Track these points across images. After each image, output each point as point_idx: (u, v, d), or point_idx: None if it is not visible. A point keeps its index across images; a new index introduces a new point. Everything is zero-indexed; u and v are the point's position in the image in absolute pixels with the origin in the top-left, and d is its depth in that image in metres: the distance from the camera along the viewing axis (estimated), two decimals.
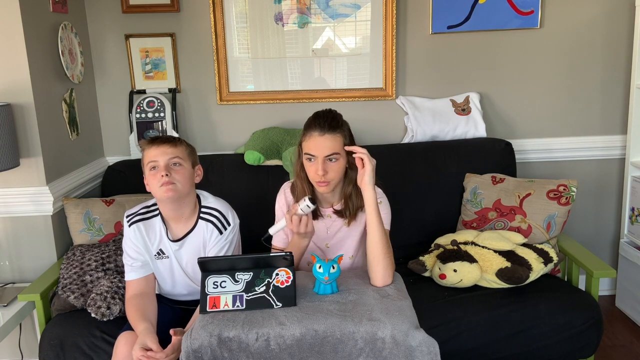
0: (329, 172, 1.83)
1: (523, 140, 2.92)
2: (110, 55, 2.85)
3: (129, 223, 1.95)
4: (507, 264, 2.19)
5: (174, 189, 1.84)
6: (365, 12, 2.81)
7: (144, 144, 1.90)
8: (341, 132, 1.85)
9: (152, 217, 1.97)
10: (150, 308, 1.89)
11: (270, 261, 1.66)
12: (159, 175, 1.84)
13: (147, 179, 1.90)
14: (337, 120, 1.87)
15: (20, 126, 2.29)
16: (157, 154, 1.86)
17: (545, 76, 2.89)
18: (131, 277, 1.95)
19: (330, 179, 1.84)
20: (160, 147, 1.86)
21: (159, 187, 1.85)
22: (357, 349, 1.51)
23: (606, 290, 3.04)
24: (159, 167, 1.85)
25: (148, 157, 1.87)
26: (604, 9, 2.81)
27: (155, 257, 1.97)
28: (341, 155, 1.84)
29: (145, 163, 1.89)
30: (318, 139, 1.82)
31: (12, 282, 2.40)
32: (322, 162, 1.82)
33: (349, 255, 2.02)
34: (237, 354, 1.51)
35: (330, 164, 1.83)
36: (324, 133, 1.82)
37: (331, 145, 1.82)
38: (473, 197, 2.56)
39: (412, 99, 2.89)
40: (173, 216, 1.95)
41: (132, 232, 1.94)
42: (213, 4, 2.76)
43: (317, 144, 1.82)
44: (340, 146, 1.84)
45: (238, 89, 2.90)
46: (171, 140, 1.89)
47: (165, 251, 1.97)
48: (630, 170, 2.81)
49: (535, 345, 2.08)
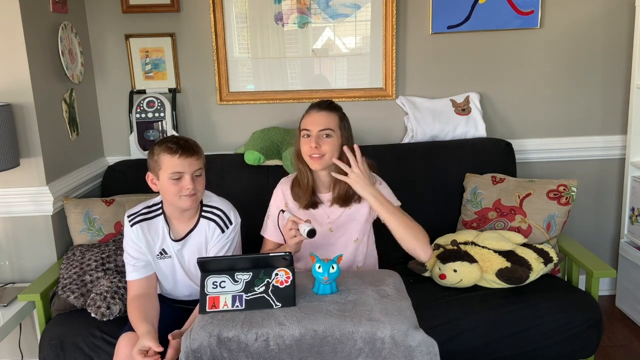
0: (322, 146, 1.94)
1: (523, 140, 2.92)
2: (110, 55, 2.85)
3: (132, 223, 1.94)
4: (507, 264, 2.19)
5: (195, 200, 1.89)
6: (365, 12, 2.81)
7: (166, 150, 1.84)
8: (337, 113, 2.00)
9: (154, 217, 1.97)
10: (151, 309, 1.89)
11: (270, 261, 1.66)
12: (184, 187, 1.83)
13: (163, 184, 1.86)
14: (335, 104, 2.04)
15: (20, 126, 2.29)
16: (184, 165, 1.83)
17: (545, 76, 2.88)
18: (133, 277, 1.94)
19: (322, 153, 1.94)
20: (187, 159, 1.84)
21: (180, 196, 1.85)
22: (357, 349, 1.51)
23: (606, 290, 3.03)
24: (183, 179, 1.84)
25: (172, 167, 1.83)
26: (604, 9, 2.81)
27: (158, 257, 1.97)
28: (335, 133, 1.96)
29: (164, 169, 1.84)
30: (314, 115, 1.98)
31: (12, 282, 2.40)
32: (315, 136, 1.95)
33: (353, 238, 2.05)
34: (236, 354, 1.51)
35: (324, 139, 1.95)
36: (320, 110, 1.99)
37: (326, 120, 1.96)
38: (473, 197, 2.56)
39: (412, 99, 2.89)
40: (177, 215, 1.96)
41: (135, 232, 1.93)
42: (213, 4, 2.76)
43: (313, 119, 1.97)
44: (335, 124, 1.97)
45: (238, 89, 2.90)
46: (195, 152, 1.87)
47: (168, 251, 1.97)
48: (630, 170, 2.81)
49: (535, 345, 2.07)
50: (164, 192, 1.89)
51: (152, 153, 1.89)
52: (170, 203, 1.91)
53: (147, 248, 1.95)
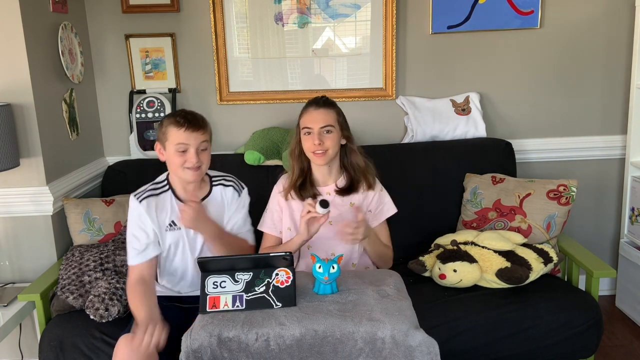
0: (324, 142, 2.04)
1: (523, 140, 2.92)
2: (110, 55, 2.85)
3: (140, 199, 1.97)
4: (507, 264, 2.19)
5: (200, 173, 1.95)
6: (365, 12, 2.81)
7: (173, 123, 1.91)
8: (335, 109, 2.10)
9: (161, 193, 2.02)
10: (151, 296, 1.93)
11: (270, 261, 1.66)
12: (189, 160, 1.90)
13: (169, 155, 1.94)
14: (330, 100, 2.13)
15: (20, 126, 2.29)
16: (189, 138, 1.90)
17: (545, 76, 2.88)
18: (135, 262, 1.96)
19: (326, 148, 2.04)
20: (192, 132, 1.90)
21: (184, 168, 1.92)
22: (357, 349, 1.51)
23: (606, 290, 3.03)
24: (188, 151, 1.90)
25: (177, 139, 1.90)
26: (604, 9, 2.81)
27: (167, 229, 1.99)
28: (335, 128, 2.06)
29: (171, 141, 1.91)
30: (314, 113, 2.06)
31: (12, 282, 2.40)
32: (317, 133, 2.03)
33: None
34: (236, 354, 1.52)
35: (326, 136, 2.05)
36: (319, 107, 2.07)
37: (325, 117, 2.05)
38: (473, 197, 2.56)
39: (412, 99, 2.89)
40: (184, 186, 2.01)
41: (143, 206, 1.96)
42: (213, 4, 2.76)
43: (313, 117, 2.05)
44: (334, 120, 2.07)
45: (238, 89, 2.90)
46: (201, 126, 1.93)
47: (177, 222, 2.00)
48: (630, 170, 2.81)
49: (535, 345, 2.07)
50: (169, 162, 1.96)
51: (161, 124, 1.97)
52: (174, 173, 1.99)
53: (155, 222, 1.97)
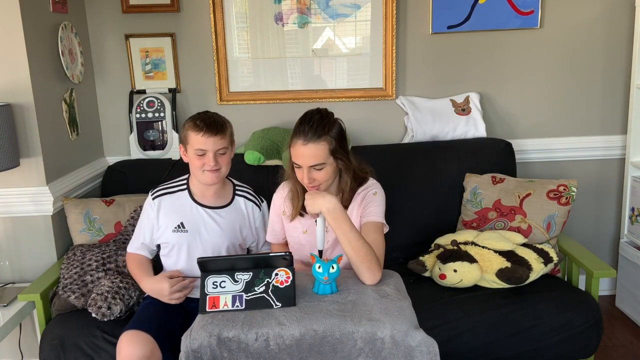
0: (315, 178, 1.84)
1: (523, 140, 2.92)
2: (110, 55, 2.85)
3: (154, 197, 2.06)
4: (507, 264, 2.19)
5: (218, 176, 1.98)
6: (365, 12, 2.81)
7: (192, 127, 1.95)
8: (326, 140, 1.81)
9: (177, 192, 2.07)
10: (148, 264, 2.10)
11: (270, 261, 1.66)
12: (207, 162, 1.94)
13: (190, 158, 1.99)
14: (324, 126, 1.83)
15: (20, 126, 2.29)
16: (207, 143, 1.93)
17: (545, 76, 2.88)
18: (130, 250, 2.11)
19: (318, 184, 1.86)
20: (210, 137, 1.93)
21: (203, 171, 1.96)
22: (357, 349, 1.51)
23: (606, 290, 3.03)
24: (206, 155, 1.94)
25: (196, 143, 1.94)
26: (604, 9, 2.81)
27: (174, 230, 2.03)
28: (327, 162, 1.83)
29: (191, 144, 1.96)
30: (302, 149, 1.82)
31: (12, 282, 2.40)
32: (307, 172, 1.83)
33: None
34: (236, 354, 1.51)
35: (316, 172, 1.83)
36: (307, 142, 1.80)
37: (314, 154, 1.80)
38: (473, 197, 2.56)
39: (412, 99, 2.89)
40: (203, 189, 2.06)
41: (154, 204, 2.05)
42: (213, 4, 2.76)
43: (301, 154, 1.82)
44: (324, 154, 1.81)
45: (238, 89, 2.90)
46: (220, 131, 1.95)
47: (187, 225, 2.02)
48: (630, 170, 2.81)
49: (535, 345, 2.08)
50: (190, 165, 2.01)
51: (183, 127, 2.01)
52: (194, 176, 2.04)
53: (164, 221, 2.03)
